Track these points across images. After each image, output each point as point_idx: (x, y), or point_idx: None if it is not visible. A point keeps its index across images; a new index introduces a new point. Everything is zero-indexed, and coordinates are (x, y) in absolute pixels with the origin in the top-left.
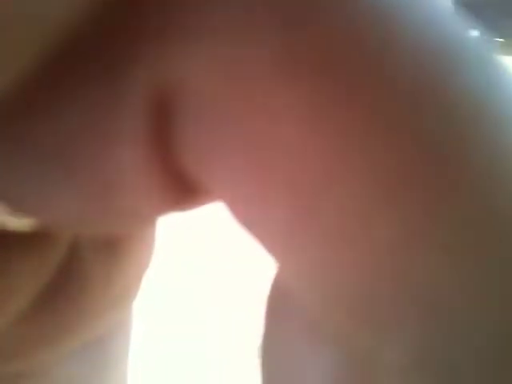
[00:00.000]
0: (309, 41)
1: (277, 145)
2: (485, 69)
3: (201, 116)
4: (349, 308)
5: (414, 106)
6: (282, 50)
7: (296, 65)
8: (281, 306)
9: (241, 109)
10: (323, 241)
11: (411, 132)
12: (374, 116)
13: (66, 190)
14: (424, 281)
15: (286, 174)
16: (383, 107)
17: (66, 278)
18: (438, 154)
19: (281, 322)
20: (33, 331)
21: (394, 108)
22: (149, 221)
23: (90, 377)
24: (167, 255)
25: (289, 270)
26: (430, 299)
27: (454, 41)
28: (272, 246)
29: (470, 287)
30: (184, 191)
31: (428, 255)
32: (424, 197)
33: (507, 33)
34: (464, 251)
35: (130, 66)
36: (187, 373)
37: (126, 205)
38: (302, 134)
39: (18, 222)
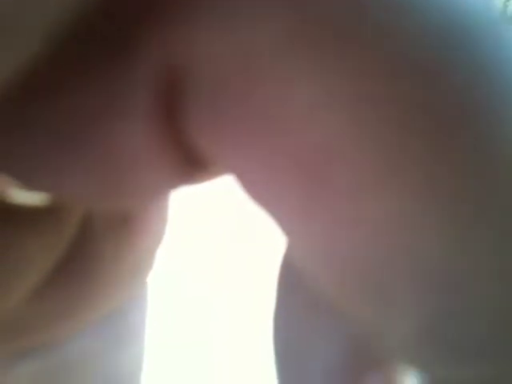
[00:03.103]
0: (324, 15)
1: (289, 116)
2: (502, 41)
3: (213, 91)
4: (359, 283)
5: (428, 76)
6: (295, 27)
7: (307, 41)
8: (292, 281)
9: (251, 82)
10: (335, 214)
11: (426, 105)
12: (387, 88)
13: (79, 166)
14: (435, 256)
15: (298, 145)
16: (397, 78)
17: (78, 253)
18: (453, 128)
19: (291, 296)
20: (46, 306)
21: (407, 79)
22: (160, 194)
23: (104, 351)
24: (179, 231)
25: (300, 244)
26: (441, 274)
27: (475, 12)
28: (283, 219)
29: (484, 263)
30: (195, 165)
31: (441, 230)
32: (440, 172)
33: None
34: (478, 226)
35: (142, 42)
36: (198, 353)
37: (139, 179)
38: (312, 103)
39: (30, 197)
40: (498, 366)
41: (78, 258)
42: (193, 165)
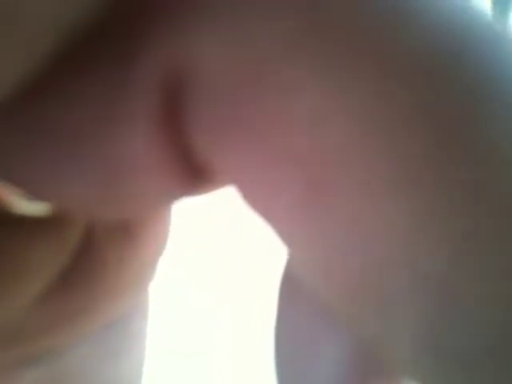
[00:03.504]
0: (330, 20)
1: (289, 122)
2: (503, 47)
3: (213, 96)
4: (358, 291)
5: (431, 80)
6: (298, 31)
7: (310, 44)
8: (293, 290)
9: (253, 87)
10: (334, 222)
11: (430, 110)
12: (390, 92)
13: (80, 174)
14: (436, 266)
15: (298, 152)
16: (400, 80)
17: (82, 262)
18: (458, 135)
19: (293, 306)
20: (49, 314)
21: (411, 83)
22: (161, 205)
23: (105, 360)
24: (180, 240)
25: (300, 252)
26: (442, 284)
27: (474, 17)
28: (283, 228)
29: (486, 276)
30: (196, 174)
31: (441, 239)
32: (443, 180)
33: None
34: (482, 240)
35: (141, 45)
36: (199, 361)
37: (139, 188)
38: (315, 109)
39: (33, 207)
40: (500, 379)
41: (82, 266)
42: (194, 173)
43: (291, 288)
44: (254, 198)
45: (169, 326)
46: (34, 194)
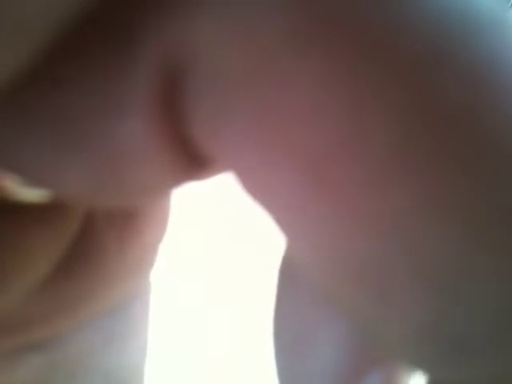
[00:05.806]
0: (331, 15)
1: (289, 111)
2: (504, 34)
3: (212, 84)
4: (358, 282)
5: (430, 68)
6: (298, 20)
7: (310, 33)
8: (292, 278)
9: (253, 76)
10: (334, 210)
11: (428, 95)
12: (389, 81)
13: (79, 163)
14: (436, 253)
15: (297, 140)
16: (399, 71)
17: (81, 249)
18: (455, 118)
19: (292, 293)
20: (48, 302)
21: (410, 72)
22: (161, 192)
23: (107, 346)
24: (179, 227)
25: (298, 241)
26: (441, 274)
27: (475, 4)
28: (282, 217)
29: (484, 262)
30: (195, 162)
31: (442, 227)
32: (441, 166)
33: None
34: (481, 225)
35: (140, 32)
36: (199, 349)
37: (138, 177)
38: (315, 99)
39: (32, 194)
40: (499, 366)
41: (82, 253)
42: (193, 160)
43: (289, 276)
44: (251, 185)
45: (168, 316)
46: (34, 181)
